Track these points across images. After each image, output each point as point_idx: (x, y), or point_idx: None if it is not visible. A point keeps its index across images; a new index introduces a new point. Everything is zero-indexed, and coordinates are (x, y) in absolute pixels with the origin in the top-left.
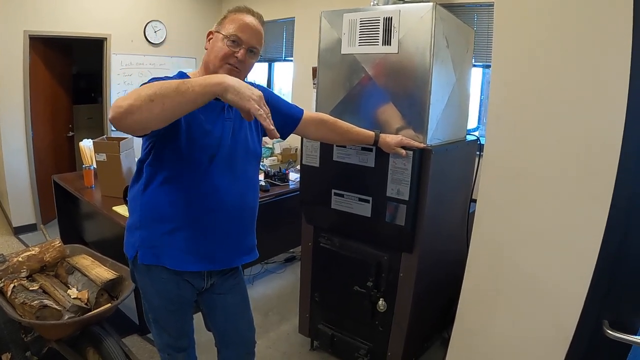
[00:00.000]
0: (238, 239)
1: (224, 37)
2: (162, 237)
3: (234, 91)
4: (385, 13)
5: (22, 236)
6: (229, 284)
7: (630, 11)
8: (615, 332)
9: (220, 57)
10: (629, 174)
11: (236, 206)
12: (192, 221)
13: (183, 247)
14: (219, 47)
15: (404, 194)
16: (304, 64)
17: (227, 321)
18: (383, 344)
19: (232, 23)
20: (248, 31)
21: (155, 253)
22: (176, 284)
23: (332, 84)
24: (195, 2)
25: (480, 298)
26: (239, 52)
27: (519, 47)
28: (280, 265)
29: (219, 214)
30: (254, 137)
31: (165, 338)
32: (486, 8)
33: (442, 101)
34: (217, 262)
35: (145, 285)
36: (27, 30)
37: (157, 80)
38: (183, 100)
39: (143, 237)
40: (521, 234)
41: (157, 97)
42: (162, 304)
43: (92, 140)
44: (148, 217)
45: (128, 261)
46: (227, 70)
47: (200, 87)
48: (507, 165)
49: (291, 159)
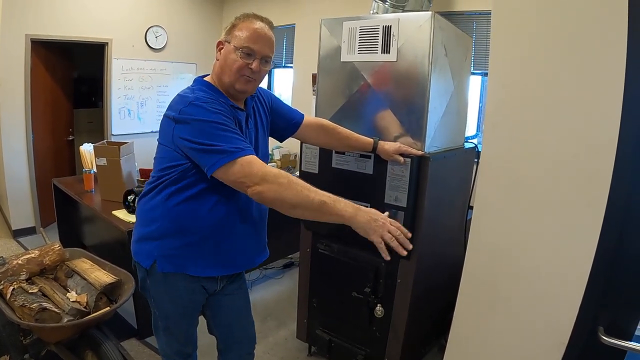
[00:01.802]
0: (257, 240)
1: (235, 49)
2: (185, 247)
3: (363, 231)
4: (384, 21)
5: (22, 239)
6: (235, 285)
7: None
8: (610, 338)
9: (234, 70)
10: (624, 180)
11: (256, 213)
12: (217, 232)
13: (206, 255)
14: (232, 60)
15: (402, 201)
16: (303, 71)
17: (234, 320)
18: (380, 350)
19: (242, 33)
20: (260, 41)
21: (176, 262)
22: (192, 290)
23: (331, 90)
24: (197, 7)
25: (477, 304)
26: (253, 63)
27: (516, 55)
28: (279, 271)
29: (242, 222)
30: (265, 140)
31: (175, 345)
32: (485, 16)
33: (440, 109)
34: (238, 266)
35: (159, 294)
36: (29, 34)
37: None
38: (318, 216)
39: (164, 247)
40: (518, 240)
41: (300, 207)
42: (176, 311)
43: (92, 144)
44: (171, 228)
45: (138, 269)
46: (243, 82)
47: (336, 217)
48: (504, 171)
49: (290, 165)
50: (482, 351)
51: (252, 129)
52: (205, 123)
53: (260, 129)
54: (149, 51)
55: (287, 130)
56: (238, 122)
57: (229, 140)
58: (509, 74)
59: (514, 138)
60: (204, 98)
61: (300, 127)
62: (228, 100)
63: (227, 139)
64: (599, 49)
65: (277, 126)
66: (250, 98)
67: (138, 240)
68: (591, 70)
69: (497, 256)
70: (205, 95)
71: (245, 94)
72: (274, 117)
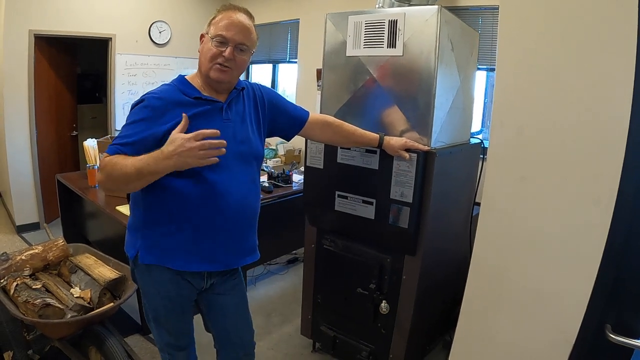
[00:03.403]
0: (239, 240)
1: (210, 38)
2: (163, 238)
3: (182, 167)
4: (390, 16)
5: (25, 235)
6: (228, 285)
7: (636, 15)
8: (617, 336)
9: (208, 58)
10: (633, 178)
11: (238, 207)
12: (194, 223)
13: (184, 247)
14: (207, 48)
15: (408, 197)
16: (308, 66)
17: (226, 321)
18: (385, 346)
19: (218, 23)
20: (233, 28)
21: (156, 253)
22: (176, 283)
23: (336, 86)
24: (200, 2)
25: (483, 301)
26: (226, 50)
27: (523, 50)
28: (283, 267)
29: (221, 215)
30: (257, 138)
31: (165, 337)
32: (491, 11)
33: (447, 104)
34: (218, 263)
35: (146, 285)
36: (32, 29)
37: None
38: (145, 181)
39: (144, 237)
40: (524, 238)
41: (126, 181)
42: (162, 303)
43: (96, 139)
44: (150, 218)
45: (129, 260)
46: (217, 71)
47: (154, 175)
48: (511, 168)
49: (295, 160)
50: (488, 348)
51: (231, 121)
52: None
53: (247, 120)
54: (152, 46)
55: (292, 129)
56: (203, 114)
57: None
58: (516, 70)
59: (521, 137)
60: (151, 92)
61: (306, 124)
62: (196, 92)
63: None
64: (608, 44)
65: (282, 125)
66: (234, 90)
67: (127, 230)
68: (600, 65)
69: (504, 253)
70: (160, 88)
71: (222, 84)
72: (277, 116)
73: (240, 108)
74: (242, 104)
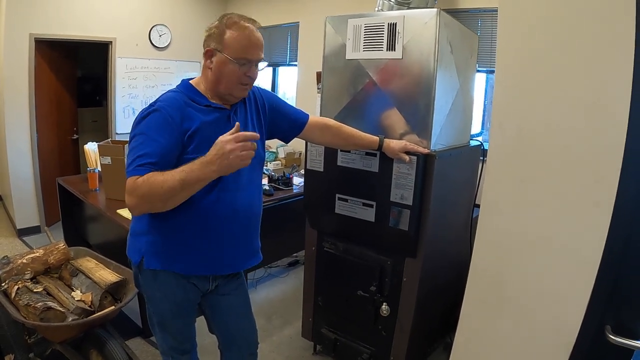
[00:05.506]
0: (245, 244)
1: (231, 61)
2: (170, 244)
3: (226, 171)
4: (389, 19)
5: (26, 238)
6: (232, 286)
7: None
8: (617, 338)
9: (234, 80)
10: (632, 180)
11: (245, 213)
12: (202, 229)
13: (192, 252)
14: (230, 71)
15: (408, 199)
16: (308, 69)
17: (231, 321)
18: (386, 349)
19: (236, 43)
20: (255, 49)
21: (163, 258)
22: (183, 287)
23: (336, 88)
24: (200, 6)
25: (484, 303)
26: (251, 71)
27: (522, 52)
28: (284, 270)
29: (228, 221)
30: (259, 141)
31: (169, 341)
32: (490, 13)
33: (446, 106)
34: (226, 267)
35: (151, 290)
36: (33, 33)
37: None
38: (188, 193)
39: (150, 243)
40: (524, 239)
41: (169, 199)
42: (168, 308)
43: (96, 143)
44: (157, 224)
45: (131, 265)
46: (243, 90)
47: (202, 182)
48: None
49: (295, 163)
50: (489, 350)
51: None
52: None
53: (250, 125)
54: (153, 50)
55: (291, 131)
56: (213, 121)
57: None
58: (515, 72)
59: (521, 137)
60: (162, 101)
61: (306, 127)
62: (205, 100)
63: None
64: (607, 46)
65: (281, 127)
66: None
67: (130, 235)
68: (599, 67)
69: (504, 255)
70: (168, 95)
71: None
72: (276, 118)
73: (243, 113)
74: (244, 108)
